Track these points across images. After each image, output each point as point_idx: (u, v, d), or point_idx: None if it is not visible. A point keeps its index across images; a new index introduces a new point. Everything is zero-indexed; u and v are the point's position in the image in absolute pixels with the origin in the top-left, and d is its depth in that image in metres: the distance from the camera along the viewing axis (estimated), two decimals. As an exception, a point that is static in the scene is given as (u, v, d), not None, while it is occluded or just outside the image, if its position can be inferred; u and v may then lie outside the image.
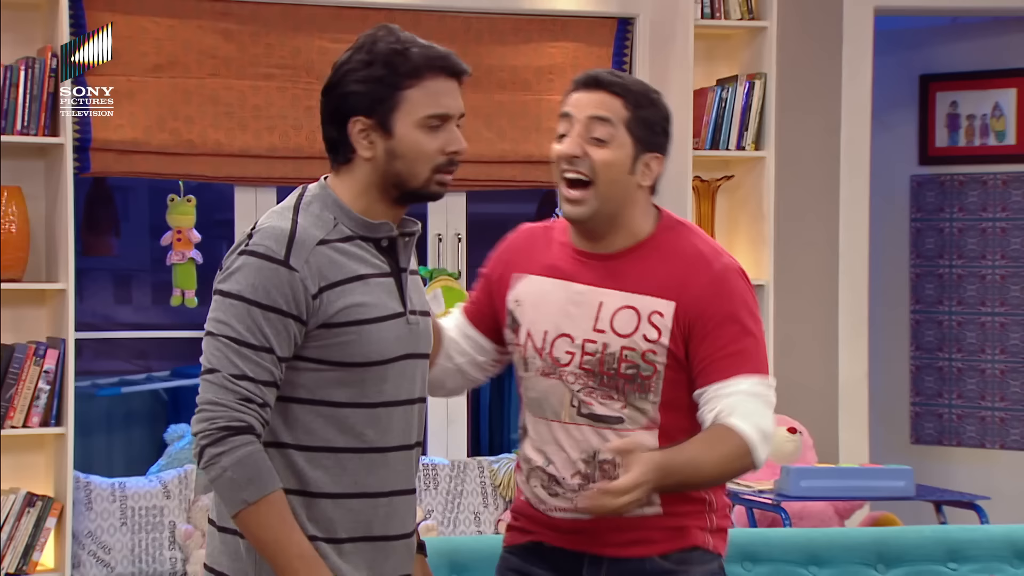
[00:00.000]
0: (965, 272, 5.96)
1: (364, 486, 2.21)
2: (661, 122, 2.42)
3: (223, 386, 2.14)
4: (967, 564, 3.24)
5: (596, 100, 2.39)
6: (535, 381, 2.45)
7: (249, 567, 2.18)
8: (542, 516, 2.46)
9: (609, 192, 2.38)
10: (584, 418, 2.41)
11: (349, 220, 2.22)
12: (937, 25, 6.02)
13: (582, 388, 2.40)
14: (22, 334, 4.38)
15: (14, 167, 4.38)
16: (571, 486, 2.41)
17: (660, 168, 2.43)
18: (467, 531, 4.81)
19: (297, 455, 2.18)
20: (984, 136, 5.92)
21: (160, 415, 6.87)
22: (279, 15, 4.65)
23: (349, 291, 2.18)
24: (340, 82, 2.20)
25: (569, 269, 2.44)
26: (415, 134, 2.20)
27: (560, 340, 2.41)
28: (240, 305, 2.14)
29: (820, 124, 5.31)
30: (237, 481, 2.11)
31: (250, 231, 2.20)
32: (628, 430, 2.39)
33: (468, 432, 5.13)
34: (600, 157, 2.37)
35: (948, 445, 5.97)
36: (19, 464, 4.39)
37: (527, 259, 2.50)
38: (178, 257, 4.61)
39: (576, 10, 4.95)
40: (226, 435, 2.13)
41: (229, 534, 2.21)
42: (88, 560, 4.42)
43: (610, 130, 2.37)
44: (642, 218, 2.44)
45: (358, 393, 2.19)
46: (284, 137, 4.64)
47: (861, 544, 3.29)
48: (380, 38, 2.21)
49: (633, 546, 2.41)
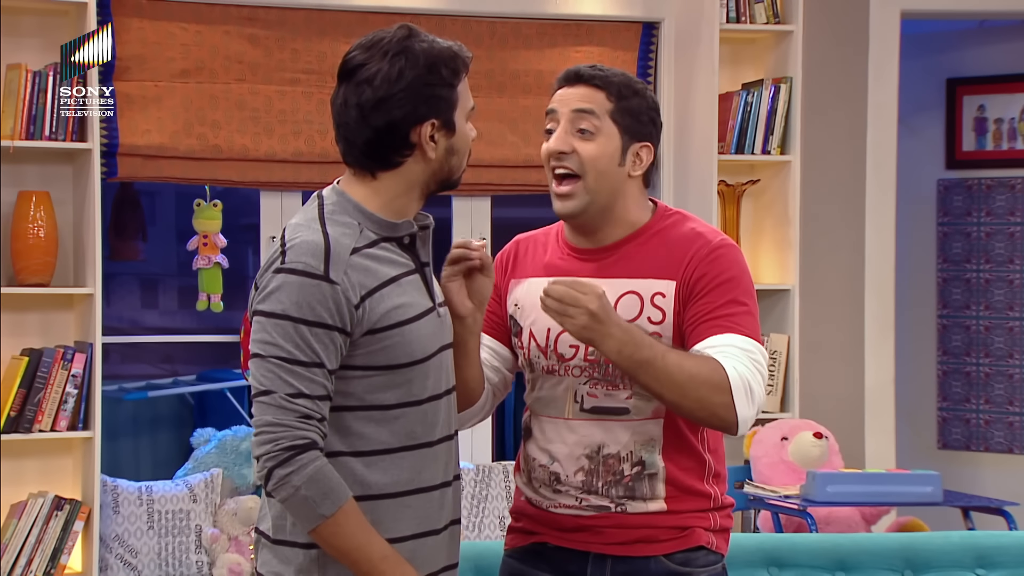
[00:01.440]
0: (993, 276, 5.93)
1: (419, 481, 2.24)
2: (647, 111, 2.42)
3: (280, 406, 2.14)
4: (995, 570, 3.22)
5: (579, 94, 2.40)
6: (541, 380, 2.46)
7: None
8: (545, 514, 2.46)
9: (599, 184, 2.39)
10: (588, 413, 2.41)
11: (372, 223, 2.23)
12: (964, 28, 6.00)
13: (587, 381, 2.41)
14: (50, 338, 4.40)
15: (42, 172, 4.40)
16: (574, 483, 2.41)
17: (650, 157, 2.43)
18: (492, 535, 4.81)
19: (354, 462, 2.21)
20: (1012, 140, 5.89)
21: (186, 419, 6.89)
22: (305, 20, 4.67)
23: (387, 295, 2.20)
24: (392, 95, 2.20)
25: (566, 266, 2.45)
26: (465, 127, 2.27)
27: (564, 335, 2.41)
28: (286, 324, 2.15)
29: (846, 128, 5.29)
30: (312, 498, 2.13)
31: (281, 247, 2.19)
32: (634, 420, 2.39)
33: (492, 436, 5.13)
34: (587, 150, 2.39)
35: (975, 450, 5.93)
36: (47, 468, 4.42)
37: (523, 264, 2.51)
38: (204, 262, 4.62)
39: (601, 14, 4.95)
40: (292, 454, 2.13)
41: (287, 547, 2.22)
42: (115, 563, 4.44)
43: (595, 122, 2.39)
44: (636, 209, 2.44)
45: (406, 392, 2.22)
46: (310, 142, 4.65)
47: (888, 550, 3.27)
48: (410, 40, 2.23)
49: (638, 545, 2.41)
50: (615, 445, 2.39)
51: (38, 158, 4.37)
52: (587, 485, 2.40)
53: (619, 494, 2.40)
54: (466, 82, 2.27)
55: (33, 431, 4.27)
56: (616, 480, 2.39)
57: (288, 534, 2.22)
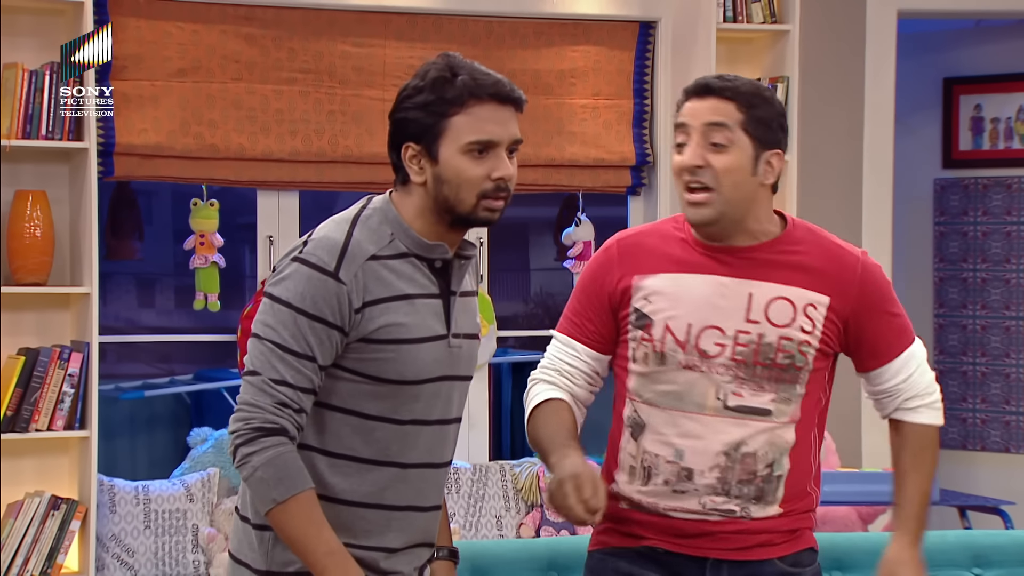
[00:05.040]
0: (989, 276, 5.94)
1: (381, 498, 2.25)
2: (777, 118, 2.44)
3: (262, 389, 2.19)
4: (992, 570, 3.22)
5: (709, 107, 2.40)
6: (674, 375, 2.43)
7: (261, 557, 2.25)
8: (658, 520, 2.44)
9: (734, 195, 2.40)
10: (731, 411, 2.41)
11: (406, 237, 2.25)
12: (961, 28, 6.00)
13: (733, 379, 2.41)
14: (47, 338, 4.40)
15: (39, 171, 4.40)
16: (707, 481, 2.40)
17: (781, 164, 2.45)
18: (489, 535, 4.81)
19: (321, 460, 2.23)
20: (1008, 139, 5.90)
21: (183, 418, 6.89)
22: (302, 20, 4.66)
23: (392, 309, 2.21)
24: (398, 108, 2.26)
25: (705, 263, 2.45)
26: (458, 160, 2.22)
27: (708, 332, 2.41)
28: (287, 312, 2.19)
29: (843, 127, 5.29)
30: (267, 480, 2.17)
31: (306, 238, 2.25)
32: (774, 423, 2.41)
33: (490, 436, 5.12)
34: (721, 163, 2.39)
35: (972, 450, 5.94)
36: (43, 467, 4.41)
37: (645, 261, 2.48)
38: (201, 261, 4.62)
39: (598, 14, 4.95)
40: (258, 436, 2.17)
41: (246, 524, 2.28)
42: (112, 563, 4.43)
43: (728, 134, 2.39)
44: (766, 217, 2.46)
45: (389, 408, 2.24)
46: (307, 141, 4.65)
47: (884, 549, 3.27)
48: (434, 64, 2.25)
49: (756, 549, 2.44)
50: (754, 444, 2.41)
51: (34, 157, 4.37)
52: (721, 483, 2.41)
53: (749, 494, 2.41)
54: (482, 116, 2.21)
55: (30, 431, 4.27)
56: (749, 479, 2.41)
57: (247, 511, 2.28)
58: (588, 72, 4.95)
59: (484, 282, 4.98)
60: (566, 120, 4.93)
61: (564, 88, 4.94)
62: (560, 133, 4.92)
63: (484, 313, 4.92)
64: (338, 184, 4.72)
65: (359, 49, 4.68)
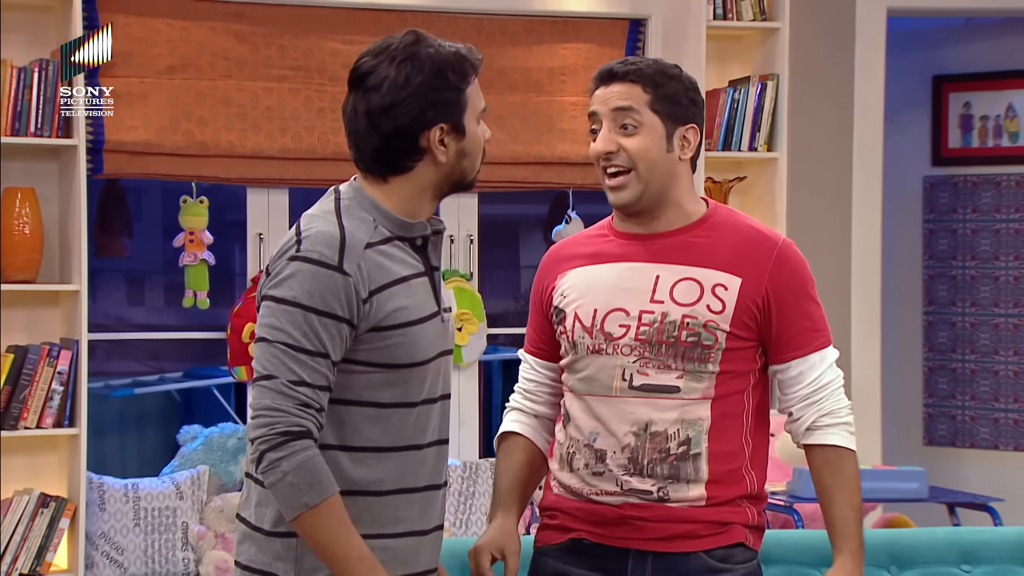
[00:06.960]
0: (978, 273, 5.95)
1: (404, 483, 2.25)
2: (686, 93, 2.46)
3: (281, 392, 2.15)
4: (980, 566, 3.22)
5: (615, 92, 2.44)
6: (585, 361, 2.46)
7: (290, 566, 2.21)
8: (583, 507, 2.46)
9: (651, 174, 2.43)
10: (636, 390, 2.42)
11: (387, 221, 2.25)
12: (950, 26, 6.01)
13: (637, 360, 2.42)
14: (36, 335, 4.39)
15: (28, 168, 4.39)
16: (619, 461, 2.41)
17: (697, 138, 2.48)
18: (479, 532, 4.81)
19: (342, 456, 2.22)
20: (997, 137, 5.91)
21: (173, 416, 6.89)
22: (292, 17, 4.66)
23: (396, 294, 2.22)
24: (399, 101, 2.22)
25: (618, 252, 2.48)
26: (476, 129, 2.29)
27: (612, 315, 2.44)
28: (296, 311, 2.16)
29: (833, 125, 5.30)
30: (298, 485, 2.13)
31: (297, 236, 2.22)
32: (683, 400, 2.41)
33: (480, 433, 5.13)
34: (633, 145, 2.43)
35: (961, 447, 5.95)
36: (32, 465, 4.41)
37: (566, 261, 2.54)
38: (190, 258, 4.61)
39: (588, 11, 4.95)
40: (286, 440, 2.14)
41: (259, 532, 2.23)
42: (101, 561, 4.43)
43: (636, 116, 2.43)
44: (690, 194, 2.49)
45: (403, 393, 2.24)
46: (296, 138, 4.65)
47: (873, 546, 3.27)
48: (416, 46, 2.24)
49: (678, 541, 2.42)
50: (663, 423, 2.41)
51: (23, 154, 4.36)
52: (632, 463, 2.41)
53: (664, 473, 2.40)
54: (476, 84, 2.28)
55: (19, 428, 4.26)
56: (662, 458, 2.40)
57: (268, 522, 2.22)
58: (578, 69, 4.95)
59: (474, 279, 4.98)
60: (556, 117, 4.93)
61: (554, 85, 4.94)
62: (550, 130, 4.93)
63: (474, 310, 4.92)
64: (328, 181, 4.67)
65: (349, 46, 4.67)
